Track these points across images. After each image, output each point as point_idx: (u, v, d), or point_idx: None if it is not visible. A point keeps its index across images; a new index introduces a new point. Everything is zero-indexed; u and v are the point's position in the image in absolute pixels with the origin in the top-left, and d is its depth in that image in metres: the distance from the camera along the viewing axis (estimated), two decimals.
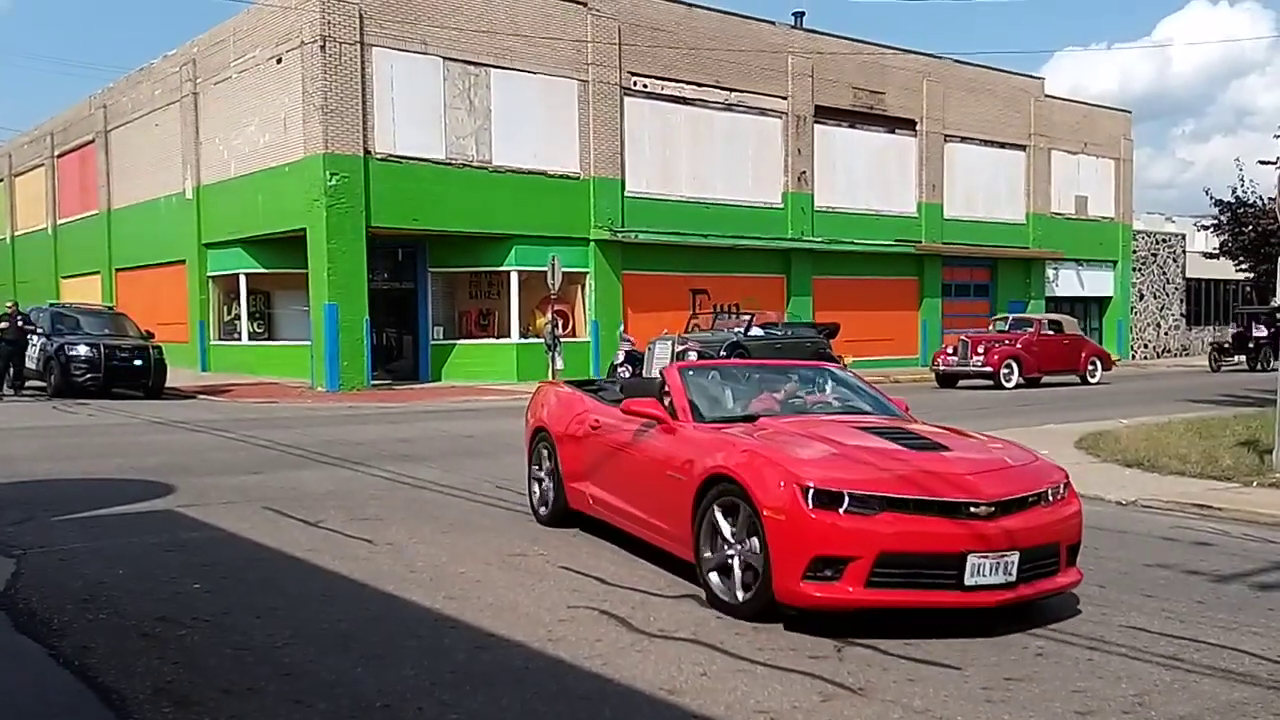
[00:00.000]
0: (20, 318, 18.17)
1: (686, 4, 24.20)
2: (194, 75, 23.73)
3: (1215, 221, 29.22)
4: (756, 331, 17.83)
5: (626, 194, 23.18)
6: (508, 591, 5.11)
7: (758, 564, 4.53)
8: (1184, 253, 39.03)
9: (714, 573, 4.82)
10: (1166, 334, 38.12)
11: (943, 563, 4.32)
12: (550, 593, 5.10)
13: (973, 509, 4.41)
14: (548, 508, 6.77)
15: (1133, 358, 35.72)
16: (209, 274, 24.22)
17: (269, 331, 23.97)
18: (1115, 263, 35.02)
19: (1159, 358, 36.87)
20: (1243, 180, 28.44)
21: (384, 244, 21.03)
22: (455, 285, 23.05)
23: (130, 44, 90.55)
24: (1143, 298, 37.20)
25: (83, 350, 17.62)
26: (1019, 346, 21.85)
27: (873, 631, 4.40)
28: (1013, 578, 4.41)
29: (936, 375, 22.33)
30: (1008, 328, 23.14)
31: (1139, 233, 37.08)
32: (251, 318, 23.70)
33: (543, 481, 6.88)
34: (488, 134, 21.30)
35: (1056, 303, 33.29)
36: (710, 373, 6.37)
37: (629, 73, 23.07)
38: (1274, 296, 13.86)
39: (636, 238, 22.99)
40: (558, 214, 22.01)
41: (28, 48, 79.66)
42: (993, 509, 4.42)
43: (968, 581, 4.33)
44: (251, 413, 15.59)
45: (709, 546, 4.83)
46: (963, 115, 29.61)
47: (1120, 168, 34.87)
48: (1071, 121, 32.96)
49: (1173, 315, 38.54)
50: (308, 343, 20.44)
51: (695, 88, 24.24)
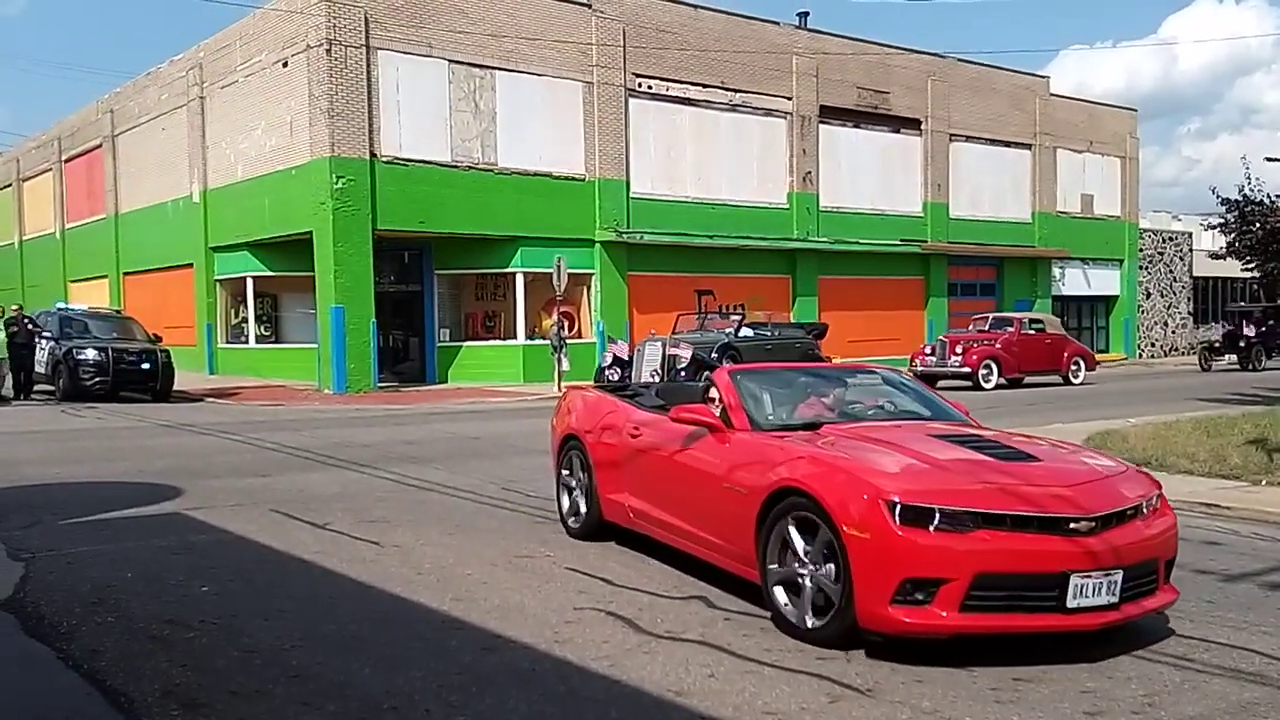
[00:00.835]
0: (28, 321, 18.26)
1: (691, 5, 24.21)
2: (200, 79, 23.81)
3: (1222, 220, 29.07)
4: (746, 332, 17.39)
5: (632, 195, 23.19)
6: (514, 593, 5.11)
7: (830, 587, 4.20)
8: (1191, 251, 38.90)
9: (781, 591, 4.46)
10: (1174, 332, 37.99)
11: (1044, 584, 3.99)
12: (557, 594, 5.09)
13: (1074, 524, 4.07)
14: (580, 519, 6.37)
15: (1140, 356, 35.61)
16: (216, 277, 24.31)
17: (276, 334, 24.03)
18: (1122, 261, 34.91)
19: (1166, 356, 36.74)
20: (1249, 178, 28.29)
21: (390, 246, 21.07)
22: (461, 287, 23.08)
23: (137, 49, 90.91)
24: (1150, 296, 37.08)
25: (91, 354, 17.68)
26: (998, 346, 21.38)
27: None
28: (1116, 598, 4.10)
29: (915, 376, 22.09)
30: (988, 327, 22.69)
31: (1145, 231, 36.96)
32: (259, 321, 23.78)
33: (573, 491, 6.48)
34: (493, 136, 21.33)
35: (1063, 302, 33.22)
36: (761, 376, 5.92)
37: (634, 74, 23.08)
38: None
39: (642, 239, 22.99)
40: (563, 216, 22.03)
41: (36, 53, 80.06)
42: (1094, 524, 4.11)
43: (1070, 604, 4.01)
44: (259, 415, 15.63)
45: (777, 563, 4.47)
46: (968, 114, 29.55)
47: (1126, 166, 34.78)
48: (1077, 120, 32.87)
49: (1180, 314, 38.41)
50: (315, 345, 20.49)
51: (700, 88, 24.24)
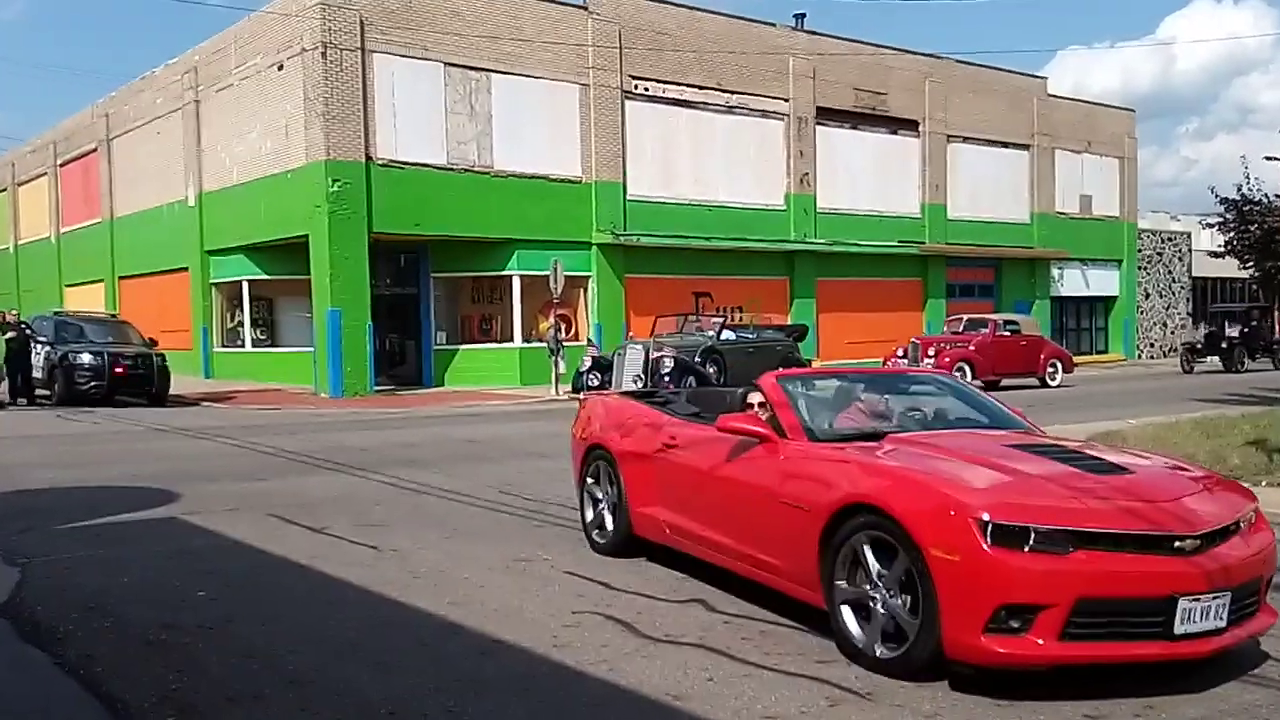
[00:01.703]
0: (24, 326, 18.23)
1: (687, 7, 24.23)
2: (196, 83, 23.79)
3: (1221, 219, 29.12)
4: (728, 335, 16.92)
5: (628, 197, 23.19)
6: (512, 597, 5.09)
7: (904, 614, 3.87)
8: (1189, 251, 38.96)
9: (849, 614, 4.11)
10: (1173, 333, 38.03)
11: (1150, 608, 3.66)
12: (555, 598, 5.07)
13: (1179, 542, 3.75)
14: (608, 535, 5.99)
15: (1139, 357, 35.65)
16: (212, 281, 24.27)
17: (272, 338, 24.00)
18: (1120, 262, 34.96)
19: (1165, 356, 36.76)
20: (1248, 178, 28.36)
21: (386, 249, 21.05)
22: (458, 290, 23.06)
23: (132, 53, 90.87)
24: (1149, 296, 37.13)
25: (86, 358, 17.64)
26: (972, 348, 21.13)
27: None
28: (1223, 622, 3.78)
29: None
30: (962, 329, 22.50)
31: (1144, 231, 37.01)
32: (255, 324, 23.75)
33: (599, 505, 6.11)
34: (489, 139, 21.32)
35: (1062, 302, 33.27)
36: (810, 382, 5.52)
37: (630, 76, 23.08)
38: None
39: (639, 241, 22.98)
40: (559, 218, 22.02)
41: (30, 57, 80.00)
42: (1199, 541, 3.79)
43: (1178, 629, 3.68)
44: (255, 419, 15.60)
45: (846, 581, 4.13)
46: (965, 115, 29.58)
47: (1124, 166, 34.84)
48: (1075, 120, 32.93)
49: (1179, 314, 38.46)
50: (311, 349, 20.46)
51: (697, 90, 24.25)
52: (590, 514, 6.24)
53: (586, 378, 15.34)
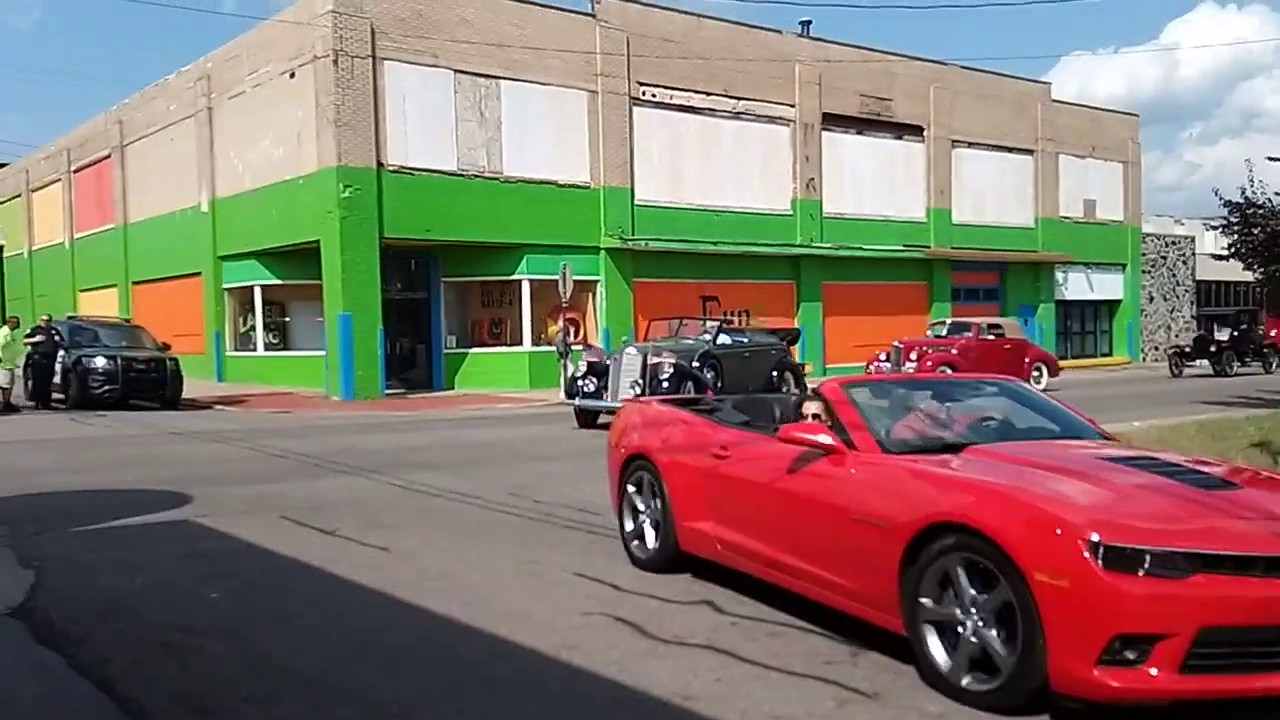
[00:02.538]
0: (55, 332, 18.38)
1: (694, 14, 24.34)
2: (208, 90, 23.96)
3: (1224, 222, 29.00)
4: (724, 339, 16.27)
5: (636, 202, 23.25)
6: (522, 599, 5.13)
7: (997, 644, 3.56)
8: (1193, 255, 38.85)
9: (935, 637, 3.80)
10: (1177, 336, 37.89)
11: (1275, 637, 3.35)
12: (564, 600, 5.10)
13: None
14: (650, 549, 5.66)
15: (1144, 360, 35.54)
16: (224, 286, 24.42)
17: (284, 342, 24.12)
18: (1124, 265, 34.87)
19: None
20: (1252, 180, 28.21)
21: (397, 254, 21.16)
22: (468, 294, 23.15)
23: (145, 60, 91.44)
24: (1153, 300, 37.02)
25: (100, 362, 17.77)
26: (954, 352, 20.88)
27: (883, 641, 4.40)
28: None
29: None
30: (945, 332, 22.32)
31: (1148, 235, 36.92)
32: (267, 328, 23.87)
33: (640, 518, 5.78)
34: (498, 145, 21.42)
35: (1066, 306, 33.21)
36: (875, 389, 5.24)
37: (638, 83, 23.16)
38: None
39: (647, 245, 23.05)
40: (568, 223, 22.10)
41: (46, 65, 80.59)
42: None
43: None
44: (267, 422, 15.68)
45: (932, 600, 3.79)
46: (970, 121, 29.58)
47: (1128, 171, 34.77)
48: (1079, 125, 32.88)
49: (1183, 317, 38.33)
50: (323, 353, 20.57)
51: (704, 97, 24.31)
52: (630, 527, 5.89)
53: (582, 384, 14.48)
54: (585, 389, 14.31)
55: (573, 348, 19.60)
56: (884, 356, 21.35)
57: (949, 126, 29.06)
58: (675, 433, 5.66)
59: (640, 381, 13.70)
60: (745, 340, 17.02)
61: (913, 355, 20.69)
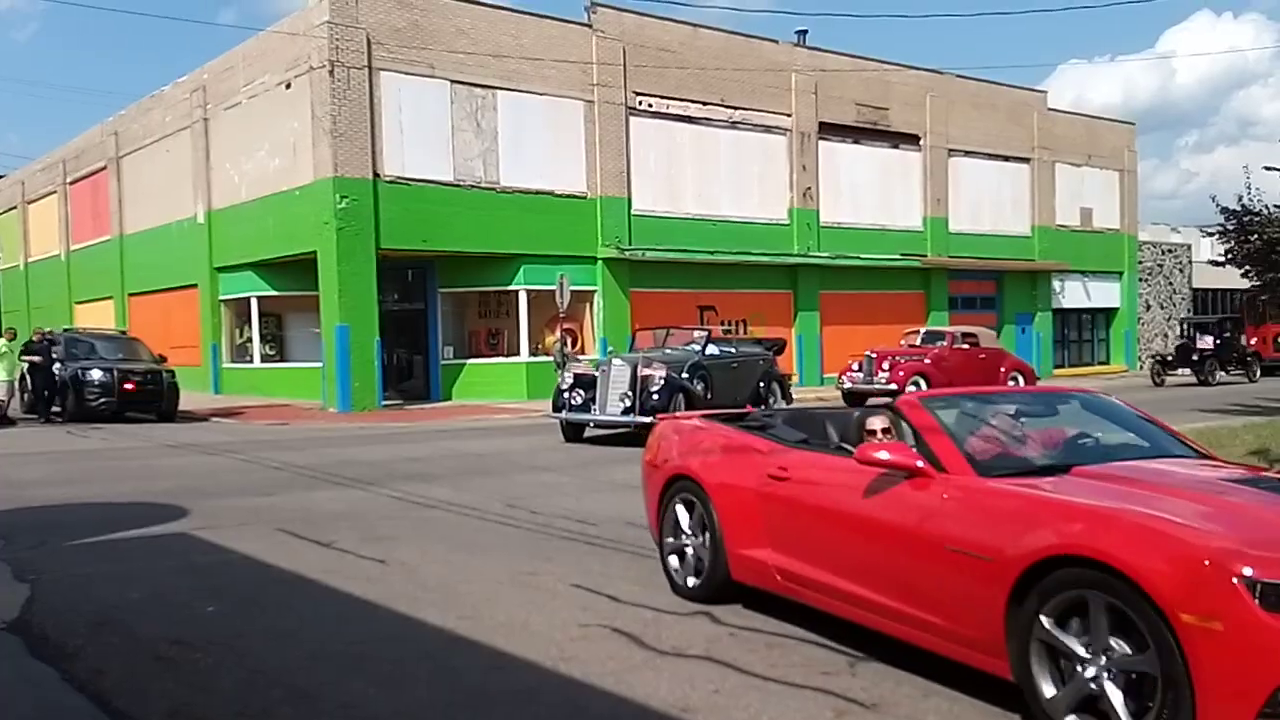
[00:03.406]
0: (50, 344, 18.33)
1: (691, 24, 24.38)
2: (204, 101, 23.99)
3: (1221, 229, 29.10)
4: (713, 350, 15.86)
5: (633, 212, 23.29)
6: (519, 610, 5.12)
7: (1117, 698, 3.21)
8: (1190, 263, 38.98)
9: (1045, 677, 3.43)
10: (1174, 343, 38.00)
11: None
12: (562, 611, 5.09)
13: None
14: (698, 578, 5.21)
15: (1140, 368, 35.60)
16: (221, 297, 24.40)
17: (281, 353, 24.10)
18: (1121, 273, 34.97)
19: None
20: (1249, 188, 28.31)
21: (394, 265, 21.16)
22: (464, 305, 23.16)
23: (141, 72, 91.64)
24: (1149, 308, 37.11)
25: (96, 375, 17.72)
26: (927, 362, 20.51)
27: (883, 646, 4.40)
28: None
29: (843, 394, 20.40)
30: (919, 342, 22.01)
31: (1144, 243, 37.04)
32: (263, 340, 23.85)
33: (686, 544, 5.31)
34: (495, 155, 21.45)
35: (1063, 314, 33.28)
36: (958, 404, 4.70)
37: (634, 92, 23.23)
38: None
39: (644, 255, 23.07)
40: (565, 233, 22.12)
41: (42, 77, 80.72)
42: None
43: None
44: (264, 434, 15.65)
45: (1049, 652, 3.41)
46: (966, 129, 29.69)
47: (1124, 179, 34.90)
48: (1075, 134, 33.02)
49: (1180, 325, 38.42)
50: (319, 364, 20.55)
51: (700, 106, 24.38)
52: (673, 553, 5.43)
53: (569, 397, 13.78)
54: (572, 402, 13.74)
55: (570, 358, 19.52)
56: (856, 366, 20.84)
57: (945, 135, 29.16)
58: (723, 451, 5.23)
59: (630, 394, 13.27)
60: (733, 350, 16.62)
61: (885, 365, 20.23)
